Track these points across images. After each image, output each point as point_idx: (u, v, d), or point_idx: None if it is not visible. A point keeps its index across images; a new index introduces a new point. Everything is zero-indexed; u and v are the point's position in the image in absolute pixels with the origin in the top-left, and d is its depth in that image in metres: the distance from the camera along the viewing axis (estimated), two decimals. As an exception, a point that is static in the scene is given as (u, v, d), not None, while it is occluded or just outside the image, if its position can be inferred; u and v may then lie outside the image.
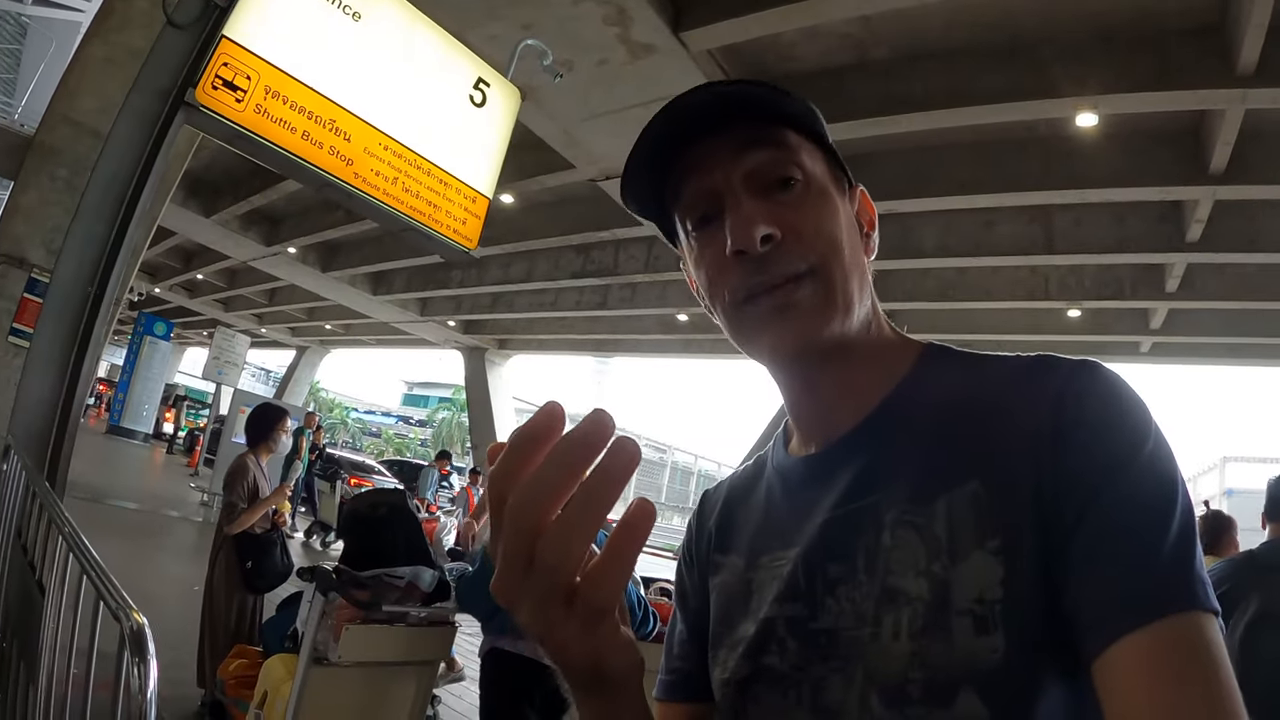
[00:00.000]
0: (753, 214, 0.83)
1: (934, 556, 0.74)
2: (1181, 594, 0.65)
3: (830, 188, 0.91)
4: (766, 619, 0.87)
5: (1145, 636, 0.63)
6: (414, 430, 70.96)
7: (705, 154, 0.87)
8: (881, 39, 7.52)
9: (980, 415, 0.80)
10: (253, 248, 17.40)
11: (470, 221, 6.05)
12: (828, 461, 0.90)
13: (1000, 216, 10.55)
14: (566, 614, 0.56)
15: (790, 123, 0.90)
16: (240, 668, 4.49)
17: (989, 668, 0.69)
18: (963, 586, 0.72)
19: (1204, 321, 12.47)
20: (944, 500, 0.76)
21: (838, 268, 0.86)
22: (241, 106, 4.65)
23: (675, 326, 17.64)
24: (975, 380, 0.85)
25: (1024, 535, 0.71)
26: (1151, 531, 0.67)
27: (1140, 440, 0.72)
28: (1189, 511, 0.69)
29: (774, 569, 0.89)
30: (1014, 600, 0.70)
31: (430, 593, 4.02)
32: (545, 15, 6.81)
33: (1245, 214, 9.12)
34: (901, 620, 0.74)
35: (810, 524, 0.87)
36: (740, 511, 1.03)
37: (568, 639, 0.58)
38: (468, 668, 6.41)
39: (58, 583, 2.37)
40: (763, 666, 0.85)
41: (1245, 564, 3.52)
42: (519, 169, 10.47)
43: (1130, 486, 0.69)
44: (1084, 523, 0.69)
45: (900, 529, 0.78)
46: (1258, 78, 6.27)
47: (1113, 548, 0.67)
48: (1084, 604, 0.67)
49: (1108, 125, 7.91)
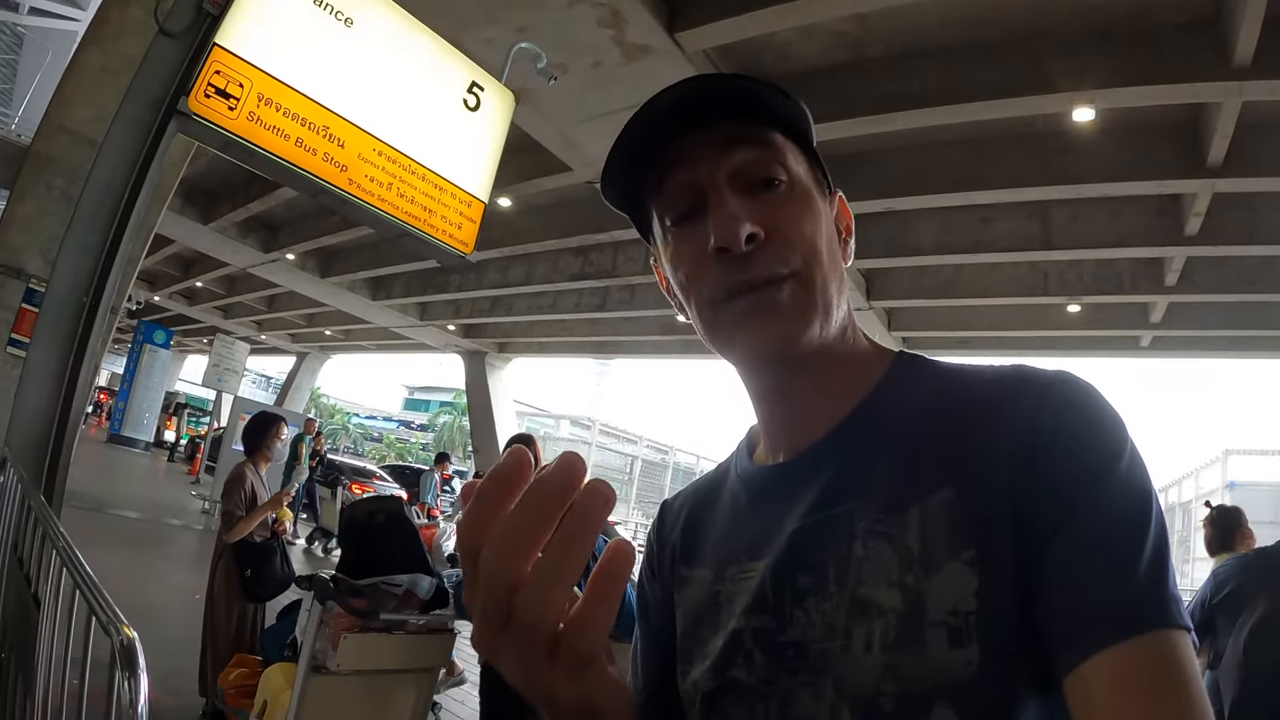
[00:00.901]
0: (738, 211, 0.82)
1: (907, 567, 0.73)
2: (1155, 612, 0.64)
3: (813, 191, 0.90)
4: (734, 631, 0.85)
5: (1118, 653, 0.63)
6: (415, 435, 70.92)
7: (690, 148, 0.86)
8: (877, 37, 7.51)
9: (955, 424, 0.79)
10: (251, 254, 17.40)
11: (466, 226, 6.04)
12: (797, 470, 0.88)
13: (998, 213, 10.52)
14: (551, 664, 0.54)
15: (778, 123, 0.88)
16: (240, 676, 4.48)
17: (963, 681, 0.68)
18: (936, 598, 0.71)
19: (1204, 315, 12.45)
20: (917, 509, 0.75)
21: (819, 272, 0.85)
22: (234, 114, 4.64)
23: (674, 327, 17.61)
24: (950, 389, 0.84)
25: (999, 545, 0.70)
26: (1127, 547, 0.66)
27: (1116, 454, 0.71)
28: (1163, 528, 0.69)
29: (742, 581, 0.88)
30: (989, 612, 0.69)
31: (429, 600, 4.01)
32: (540, 18, 6.80)
33: (1244, 206, 9.09)
34: (874, 632, 0.73)
35: (779, 534, 0.85)
36: (704, 522, 1.01)
37: (554, 687, 0.56)
38: (468, 672, 6.40)
39: (52, 596, 2.36)
40: (730, 680, 0.84)
41: (1257, 563, 3.49)
42: (516, 172, 10.47)
43: (1106, 500, 0.68)
44: (1059, 535, 0.68)
45: (872, 539, 0.76)
46: (1254, 70, 6.24)
47: (1087, 562, 0.66)
48: (1057, 618, 0.66)
49: (1105, 120, 7.88)
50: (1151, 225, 9.80)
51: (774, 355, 0.85)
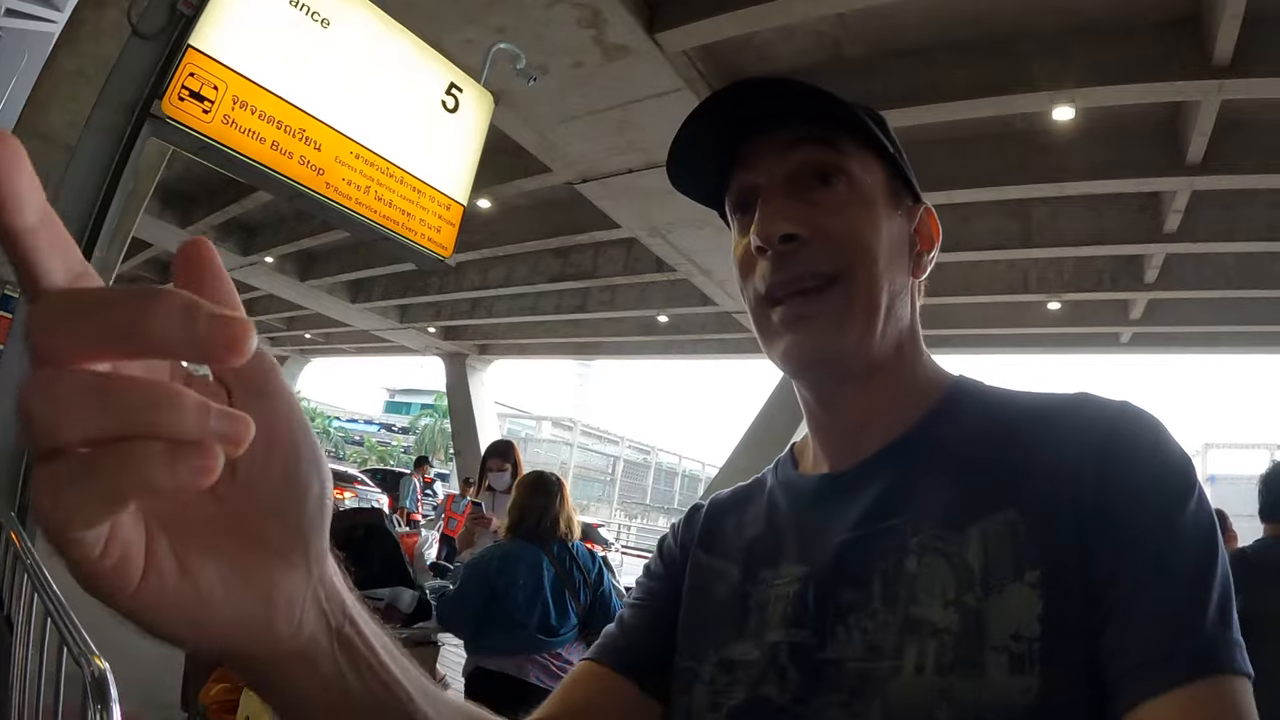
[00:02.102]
0: (777, 210, 0.81)
1: (966, 586, 0.70)
2: (1220, 657, 0.62)
3: (879, 200, 0.87)
4: (772, 644, 0.81)
5: (1180, 697, 0.60)
6: (397, 438, 70.74)
7: (759, 148, 0.86)
8: (857, 37, 7.50)
9: (1017, 447, 0.76)
10: (230, 258, 17.22)
11: (445, 229, 5.98)
12: (848, 481, 0.85)
13: (978, 211, 10.56)
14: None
15: (847, 129, 0.86)
16: (221, 692, 4.39)
17: (1021, 709, 0.64)
18: (997, 620, 0.67)
19: (1183, 311, 12.57)
20: (978, 527, 0.72)
21: (864, 276, 0.82)
22: (209, 117, 4.56)
23: (655, 328, 17.62)
24: (1011, 413, 0.82)
25: (1063, 570, 0.67)
26: (1194, 589, 0.64)
27: (1186, 493, 0.68)
28: (1227, 571, 0.66)
29: (779, 588, 0.84)
30: (1053, 638, 0.65)
31: (410, 613, 3.97)
32: (519, 19, 6.74)
33: (1223, 204, 9.19)
34: (927, 653, 0.69)
35: (825, 545, 0.82)
36: (733, 518, 0.97)
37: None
38: (451, 676, 6.32)
39: (24, 620, 2.31)
40: (760, 697, 0.79)
41: (1236, 563, 3.51)
42: (495, 173, 10.40)
43: (1176, 539, 0.66)
44: (1125, 570, 0.65)
45: (927, 555, 0.73)
46: (1234, 68, 6.28)
47: (1152, 599, 0.64)
48: (1120, 655, 0.63)
49: (1084, 118, 7.92)
50: (1131, 223, 9.88)
51: (808, 365, 0.84)
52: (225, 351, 0.34)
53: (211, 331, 0.33)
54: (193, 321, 0.33)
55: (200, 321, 0.33)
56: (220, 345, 0.34)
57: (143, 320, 0.33)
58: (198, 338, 0.33)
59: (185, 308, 0.33)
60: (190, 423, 0.34)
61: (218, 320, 0.34)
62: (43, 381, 0.33)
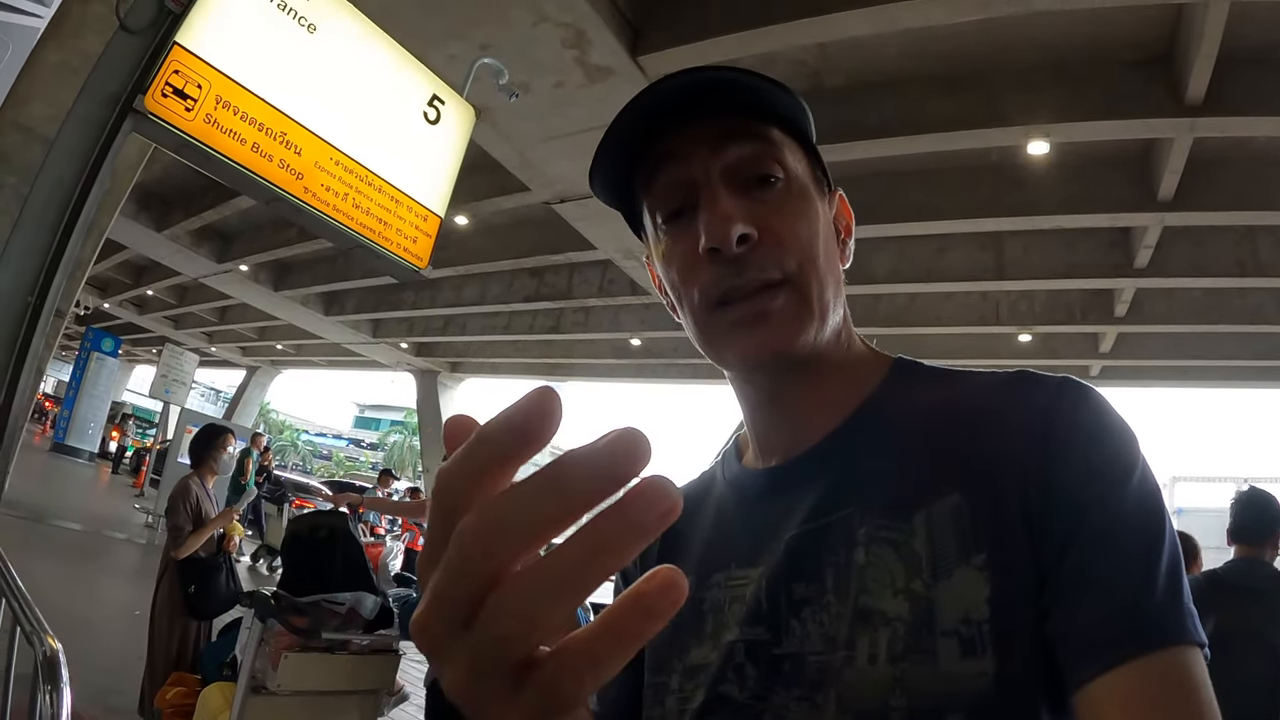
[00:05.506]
0: (730, 211, 0.78)
1: (914, 573, 0.70)
2: (1169, 629, 0.63)
3: (811, 189, 0.87)
4: (728, 643, 0.80)
5: (1133, 670, 0.61)
6: (365, 453, 70.26)
7: (683, 143, 0.82)
8: (836, 67, 7.59)
9: (960, 428, 0.77)
10: (204, 264, 17.10)
11: (421, 240, 5.96)
12: (793, 474, 0.85)
13: (952, 243, 10.69)
14: (512, 696, 0.34)
15: (776, 119, 0.85)
16: (178, 696, 4.35)
17: (977, 693, 0.65)
18: (947, 605, 0.68)
19: (1152, 345, 12.75)
20: (923, 514, 0.72)
21: (814, 276, 0.82)
22: (191, 115, 4.54)
23: (628, 351, 17.63)
24: (952, 393, 0.82)
25: (1011, 550, 0.68)
26: (1143, 561, 0.64)
27: (1131, 466, 0.69)
28: (1175, 541, 0.67)
29: (732, 589, 0.84)
30: (1002, 620, 0.66)
31: (373, 619, 3.93)
32: (504, 36, 6.76)
33: (1193, 239, 9.37)
34: (880, 643, 0.69)
35: (774, 541, 0.81)
36: (686, 526, 0.95)
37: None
38: (409, 687, 6.26)
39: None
40: (719, 696, 0.79)
41: (1207, 584, 3.57)
42: (473, 191, 10.43)
43: (1122, 512, 0.66)
44: (1073, 546, 0.66)
45: (875, 545, 0.73)
46: (1205, 107, 6.42)
47: (1102, 574, 0.64)
48: (1071, 631, 0.64)
49: (1059, 153, 8.05)
50: (1102, 257, 10.03)
51: (766, 362, 0.82)
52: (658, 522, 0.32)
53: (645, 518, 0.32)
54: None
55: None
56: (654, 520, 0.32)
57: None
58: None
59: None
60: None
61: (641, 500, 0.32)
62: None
